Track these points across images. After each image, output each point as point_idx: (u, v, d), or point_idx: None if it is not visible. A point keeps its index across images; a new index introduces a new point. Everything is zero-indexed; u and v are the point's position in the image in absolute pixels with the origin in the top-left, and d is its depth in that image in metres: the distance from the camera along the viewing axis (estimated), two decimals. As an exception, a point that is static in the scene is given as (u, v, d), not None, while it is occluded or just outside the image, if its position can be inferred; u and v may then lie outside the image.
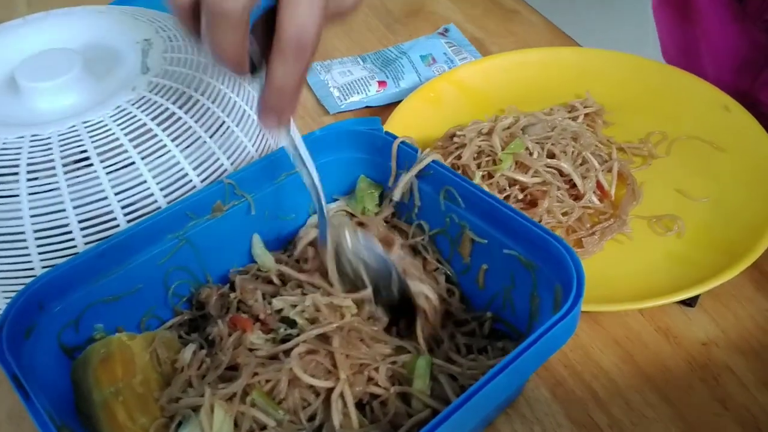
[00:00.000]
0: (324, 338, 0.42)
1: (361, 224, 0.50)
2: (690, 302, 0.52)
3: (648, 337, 0.51)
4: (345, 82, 0.74)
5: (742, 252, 0.51)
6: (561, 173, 0.57)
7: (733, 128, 0.62)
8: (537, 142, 0.58)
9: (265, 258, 0.50)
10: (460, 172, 0.57)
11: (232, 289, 0.48)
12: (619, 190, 0.60)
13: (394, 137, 0.50)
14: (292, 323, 0.43)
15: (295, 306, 0.43)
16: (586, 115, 0.65)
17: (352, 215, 0.52)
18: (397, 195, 0.50)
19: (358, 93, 0.73)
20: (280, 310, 0.44)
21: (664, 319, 0.52)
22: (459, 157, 0.58)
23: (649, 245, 0.56)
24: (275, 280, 0.49)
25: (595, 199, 0.58)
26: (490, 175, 0.57)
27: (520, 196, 0.56)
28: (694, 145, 0.63)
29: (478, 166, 0.57)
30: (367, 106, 0.73)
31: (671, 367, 0.49)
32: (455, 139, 0.59)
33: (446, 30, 0.82)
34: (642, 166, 0.62)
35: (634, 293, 0.51)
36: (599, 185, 0.58)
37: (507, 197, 0.57)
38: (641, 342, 0.51)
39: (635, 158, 0.63)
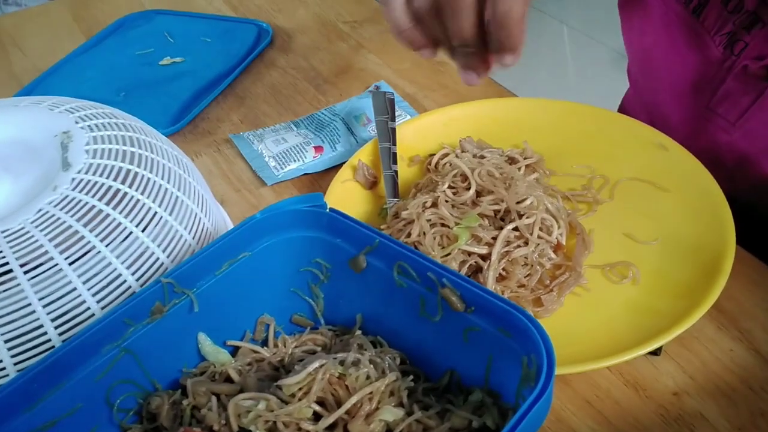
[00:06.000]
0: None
1: None
2: (655, 351, 0.51)
3: (618, 393, 0.50)
4: (280, 151, 0.72)
5: (699, 294, 0.51)
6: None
7: (672, 166, 0.63)
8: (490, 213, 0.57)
9: (218, 355, 0.47)
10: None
11: (185, 394, 0.45)
12: (568, 240, 0.59)
13: (339, 213, 0.48)
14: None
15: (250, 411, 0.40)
16: (527, 166, 0.64)
17: None
18: None
19: (294, 161, 0.71)
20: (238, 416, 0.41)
21: (631, 372, 0.51)
22: (409, 235, 0.56)
23: (607, 295, 0.55)
24: (234, 375, 0.46)
25: (552, 254, 0.56)
26: (441, 246, 0.55)
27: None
28: (636, 186, 0.63)
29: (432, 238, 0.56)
30: (305, 173, 0.71)
31: (646, 424, 0.48)
32: (403, 215, 0.57)
33: (377, 87, 0.81)
34: (588, 213, 0.62)
35: (599, 349, 0.50)
36: (551, 238, 0.58)
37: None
38: (612, 399, 0.50)
39: (580, 205, 0.63)
